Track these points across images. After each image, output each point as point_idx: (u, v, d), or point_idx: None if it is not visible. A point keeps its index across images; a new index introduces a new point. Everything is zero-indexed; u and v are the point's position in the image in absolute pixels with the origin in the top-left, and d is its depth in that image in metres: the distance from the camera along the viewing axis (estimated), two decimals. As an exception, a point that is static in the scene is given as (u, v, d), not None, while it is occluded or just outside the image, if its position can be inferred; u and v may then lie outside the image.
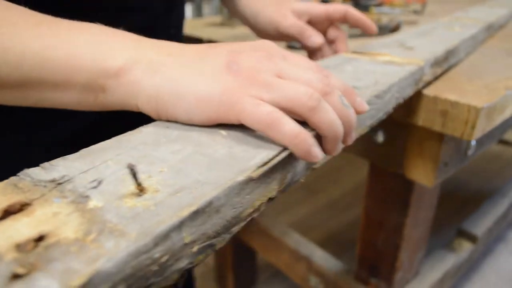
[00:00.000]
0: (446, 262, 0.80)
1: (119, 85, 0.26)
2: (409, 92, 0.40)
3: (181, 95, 0.24)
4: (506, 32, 0.74)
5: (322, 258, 0.81)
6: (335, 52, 0.52)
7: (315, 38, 0.49)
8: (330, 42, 0.52)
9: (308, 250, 0.84)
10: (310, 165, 0.27)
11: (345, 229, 1.45)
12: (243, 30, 0.81)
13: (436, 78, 0.48)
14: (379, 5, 1.10)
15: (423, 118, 0.45)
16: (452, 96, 0.42)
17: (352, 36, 0.72)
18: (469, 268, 1.26)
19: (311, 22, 0.53)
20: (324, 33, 0.53)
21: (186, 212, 0.17)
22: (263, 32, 0.55)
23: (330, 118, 0.24)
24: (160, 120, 0.26)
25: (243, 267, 1.13)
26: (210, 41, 0.74)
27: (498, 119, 0.46)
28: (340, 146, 0.27)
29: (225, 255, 1.09)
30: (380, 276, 0.70)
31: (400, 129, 0.52)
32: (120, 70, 0.25)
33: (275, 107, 0.24)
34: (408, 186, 0.60)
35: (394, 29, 0.73)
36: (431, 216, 0.70)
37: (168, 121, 0.26)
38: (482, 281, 1.22)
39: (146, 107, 0.26)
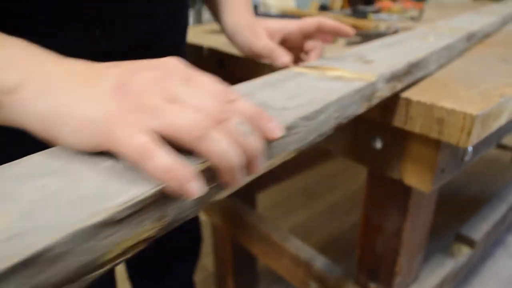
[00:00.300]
0: (445, 267, 0.80)
1: (11, 102, 0.25)
2: (356, 110, 0.37)
3: (66, 119, 0.23)
4: (501, 39, 0.75)
5: (322, 263, 0.82)
6: None
7: (283, 59, 0.50)
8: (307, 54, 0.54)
9: (308, 255, 0.84)
10: (204, 199, 0.24)
11: (345, 233, 1.45)
12: (243, 37, 0.82)
13: (402, 90, 0.47)
14: (377, 12, 1.12)
15: (420, 126, 0.46)
16: (448, 104, 0.43)
17: (351, 43, 0.73)
18: (468, 271, 1.26)
19: (287, 39, 0.55)
20: (301, 47, 0.54)
21: (7, 264, 0.15)
22: (241, 50, 0.56)
23: (219, 148, 0.22)
24: (47, 142, 0.25)
25: (244, 273, 1.13)
26: (210, 49, 0.75)
27: (494, 126, 0.47)
28: (241, 176, 0.24)
29: (225, 260, 1.10)
30: (379, 281, 0.71)
31: (398, 135, 0.53)
32: (13, 87, 0.25)
33: (157, 135, 0.22)
34: (406, 191, 0.61)
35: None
36: (430, 220, 0.71)
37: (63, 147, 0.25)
38: (481, 284, 1.22)
39: (36, 128, 0.24)
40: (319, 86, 0.36)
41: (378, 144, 0.56)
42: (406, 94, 0.46)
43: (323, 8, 1.34)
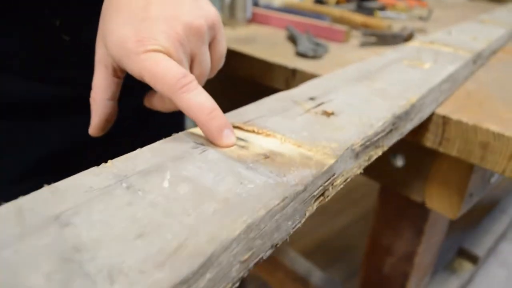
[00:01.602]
0: (450, 286, 0.76)
1: None
2: (288, 229, 0.21)
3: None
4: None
5: (319, 278, 0.76)
6: None
7: None
8: None
9: (305, 269, 0.79)
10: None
11: (335, 236, 1.41)
12: (246, 31, 0.74)
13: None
14: (382, 9, 1.05)
15: (458, 149, 0.40)
16: (494, 127, 0.37)
17: (365, 44, 0.66)
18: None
19: None
20: None
21: None
22: None
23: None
24: None
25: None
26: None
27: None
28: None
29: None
30: (385, 304, 0.65)
31: (423, 154, 0.47)
32: None
33: None
34: (423, 213, 0.55)
35: (408, 38, 0.68)
36: (441, 241, 0.66)
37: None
38: (473, 294, 1.20)
39: None
40: (217, 188, 0.20)
41: (399, 162, 0.50)
42: (443, 111, 0.40)
43: (319, 1, 1.27)
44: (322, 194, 0.23)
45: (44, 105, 0.38)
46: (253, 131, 0.26)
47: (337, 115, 0.29)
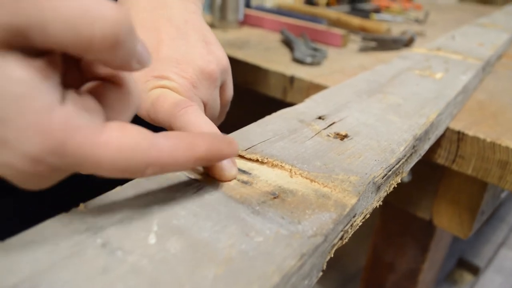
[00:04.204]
0: (451, 300, 0.73)
1: None
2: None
3: None
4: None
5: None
6: None
7: None
8: None
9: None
10: None
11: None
12: (238, 34, 0.70)
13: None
14: (377, 11, 1.02)
15: (474, 167, 0.37)
16: (514, 144, 0.34)
17: (364, 49, 0.63)
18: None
19: None
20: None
21: None
22: None
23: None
24: None
25: None
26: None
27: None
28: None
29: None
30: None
31: (432, 170, 0.44)
32: None
33: None
34: (428, 230, 0.52)
35: (408, 42, 0.65)
36: (445, 254, 0.63)
37: None
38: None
39: None
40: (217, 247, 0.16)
41: (405, 178, 0.46)
42: (457, 126, 0.37)
43: (309, 2, 1.23)
44: (341, 238, 0.20)
45: None
46: (257, 160, 0.22)
47: (351, 137, 0.25)
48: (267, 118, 0.27)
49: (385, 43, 0.63)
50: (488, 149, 0.35)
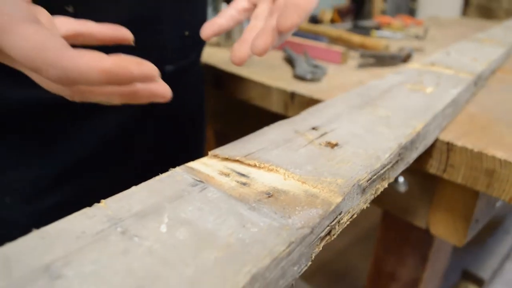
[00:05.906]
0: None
1: None
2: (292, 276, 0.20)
3: None
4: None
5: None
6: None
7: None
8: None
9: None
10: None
11: (335, 258, 1.38)
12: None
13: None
14: (378, 27, 1.06)
15: (463, 176, 0.39)
16: (500, 153, 0.36)
17: (363, 65, 0.66)
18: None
19: None
20: None
21: None
22: None
23: None
24: None
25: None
26: (206, 65, 0.66)
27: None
28: None
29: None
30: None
31: (427, 179, 0.46)
32: None
33: None
34: (427, 238, 0.53)
35: (405, 59, 0.68)
36: (446, 265, 0.64)
37: None
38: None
39: None
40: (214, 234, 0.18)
41: (402, 188, 0.48)
42: (446, 137, 0.39)
43: (313, 20, 1.28)
44: (329, 233, 0.22)
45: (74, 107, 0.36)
46: (255, 165, 0.25)
47: (341, 146, 0.28)
48: (265, 128, 0.30)
49: (383, 60, 0.66)
50: (475, 158, 0.38)
